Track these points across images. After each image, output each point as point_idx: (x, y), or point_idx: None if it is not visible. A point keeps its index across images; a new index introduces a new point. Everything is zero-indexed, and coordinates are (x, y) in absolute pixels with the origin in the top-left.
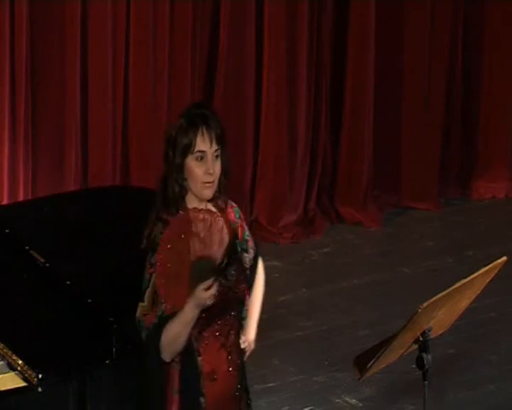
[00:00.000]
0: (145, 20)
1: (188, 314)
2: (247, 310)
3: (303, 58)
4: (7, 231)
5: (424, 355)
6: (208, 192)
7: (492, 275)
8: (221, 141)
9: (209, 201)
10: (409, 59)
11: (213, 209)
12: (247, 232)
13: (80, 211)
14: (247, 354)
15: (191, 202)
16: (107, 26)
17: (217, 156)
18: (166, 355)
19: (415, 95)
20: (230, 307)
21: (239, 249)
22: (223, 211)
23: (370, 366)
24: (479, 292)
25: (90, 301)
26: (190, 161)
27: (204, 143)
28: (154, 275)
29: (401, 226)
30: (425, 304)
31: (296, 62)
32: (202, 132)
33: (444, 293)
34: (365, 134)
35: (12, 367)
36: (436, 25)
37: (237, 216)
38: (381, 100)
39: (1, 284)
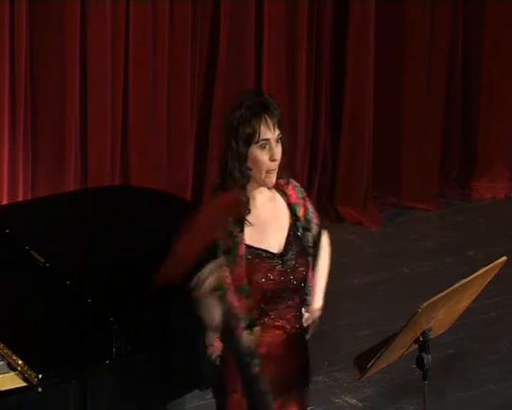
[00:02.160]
0: (145, 21)
1: None
2: (310, 287)
3: (303, 58)
4: (7, 231)
5: (424, 355)
6: (273, 179)
7: (492, 275)
8: (281, 125)
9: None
10: (408, 59)
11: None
12: (311, 210)
13: (80, 211)
14: (311, 327)
15: (253, 191)
16: (106, 26)
17: (277, 141)
18: None
19: (415, 95)
20: (289, 291)
21: (300, 230)
22: (284, 193)
23: (370, 366)
24: (479, 292)
25: (90, 301)
26: (254, 150)
27: (268, 131)
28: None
29: (401, 226)
30: (425, 304)
31: (296, 62)
32: (266, 120)
33: (444, 293)
34: (365, 134)
35: (12, 367)
36: (436, 25)
37: (300, 196)
38: (381, 100)
39: (1, 284)
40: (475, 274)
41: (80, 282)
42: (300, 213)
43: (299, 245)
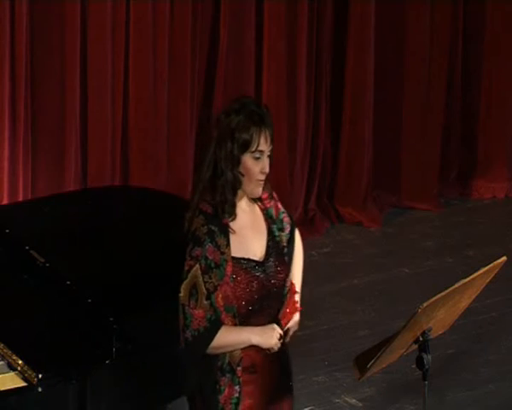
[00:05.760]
0: (145, 21)
1: (247, 342)
2: (288, 287)
3: (303, 58)
4: (7, 231)
5: (424, 355)
6: (260, 190)
7: (492, 275)
8: (273, 140)
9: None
10: (409, 59)
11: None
12: (282, 210)
13: (80, 211)
14: (291, 330)
15: (239, 196)
16: (106, 27)
17: (269, 155)
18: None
19: (415, 95)
20: (269, 298)
21: (276, 232)
22: (260, 199)
23: (370, 366)
24: (479, 292)
25: (89, 301)
26: (248, 159)
27: (264, 144)
28: (194, 268)
29: (401, 226)
30: (425, 304)
31: (296, 62)
32: (264, 133)
33: (444, 293)
34: (365, 134)
35: (12, 367)
36: (436, 25)
37: (270, 197)
38: (381, 100)
39: (1, 284)
40: (475, 274)
41: (80, 282)
42: (274, 214)
43: (278, 249)
